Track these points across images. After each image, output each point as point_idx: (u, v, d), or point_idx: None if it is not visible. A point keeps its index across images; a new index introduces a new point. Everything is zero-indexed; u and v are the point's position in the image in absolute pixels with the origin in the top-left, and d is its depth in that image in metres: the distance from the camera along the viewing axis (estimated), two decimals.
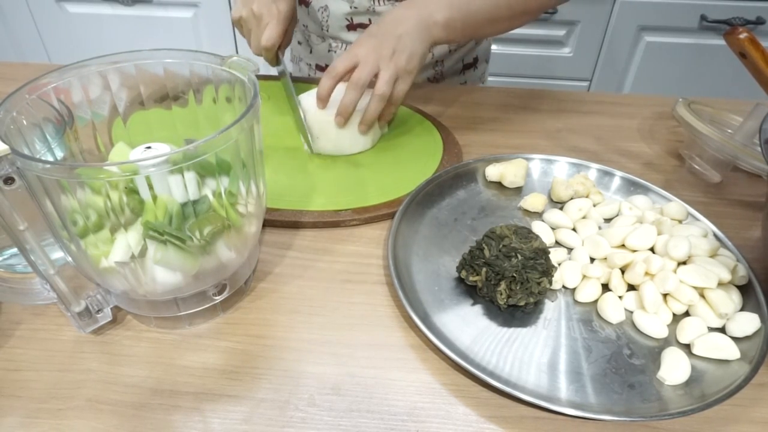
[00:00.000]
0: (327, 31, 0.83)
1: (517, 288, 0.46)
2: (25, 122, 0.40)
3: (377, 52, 0.62)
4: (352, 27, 0.80)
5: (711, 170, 0.65)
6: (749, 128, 0.65)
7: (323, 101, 0.64)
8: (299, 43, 0.90)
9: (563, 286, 0.50)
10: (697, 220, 0.57)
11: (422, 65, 0.65)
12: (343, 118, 0.63)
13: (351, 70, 0.63)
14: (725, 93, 1.51)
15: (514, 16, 0.68)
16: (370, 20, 0.79)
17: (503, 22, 0.68)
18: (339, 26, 0.81)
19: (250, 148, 0.41)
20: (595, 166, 0.64)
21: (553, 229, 0.56)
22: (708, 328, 0.46)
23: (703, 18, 1.39)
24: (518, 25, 0.70)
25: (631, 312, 0.48)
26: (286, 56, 0.96)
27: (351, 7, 0.78)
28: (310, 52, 0.87)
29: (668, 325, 0.47)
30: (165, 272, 0.41)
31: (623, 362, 0.44)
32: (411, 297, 0.47)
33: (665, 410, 0.40)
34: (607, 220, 0.58)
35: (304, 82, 0.82)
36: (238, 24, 0.72)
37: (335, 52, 0.84)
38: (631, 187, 0.62)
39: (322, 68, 0.88)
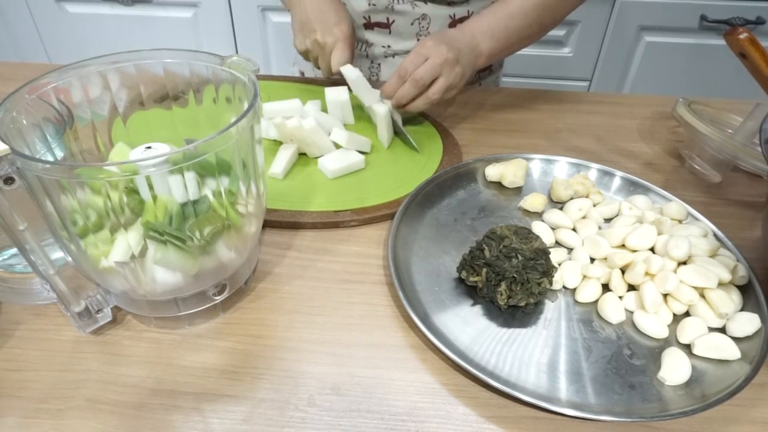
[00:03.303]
0: None
1: (518, 288, 0.46)
2: (25, 122, 0.40)
3: (445, 55, 0.65)
4: (369, 25, 0.81)
5: (711, 170, 0.65)
6: (749, 128, 0.65)
7: (390, 97, 0.67)
8: None
9: (563, 287, 0.50)
10: (697, 220, 0.57)
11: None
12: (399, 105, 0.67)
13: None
14: (725, 93, 1.51)
15: (545, 29, 0.73)
16: (387, 18, 0.79)
17: (534, 37, 0.74)
18: (356, 24, 0.81)
19: (250, 148, 0.41)
20: (595, 166, 0.64)
21: (553, 229, 0.56)
22: (708, 328, 0.46)
23: (703, 18, 1.39)
24: (543, 36, 0.76)
25: (632, 312, 0.48)
26: (275, 55, 0.95)
27: (369, 5, 0.78)
28: None
29: (668, 325, 0.47)
30: (165, 272, 0.41)
31: (623, 362, 0.44)
32: (411, 297, 0.47)
33: (666, 411, 0.40)
34: (607, 220, 0.58)
35: (295, 82, 0.82)
36: (304, 55, 0.76)
37: None
38: (631, 187, 0.62)
39: None
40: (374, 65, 0.85)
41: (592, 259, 0.53)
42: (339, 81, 0.71)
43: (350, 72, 0.68)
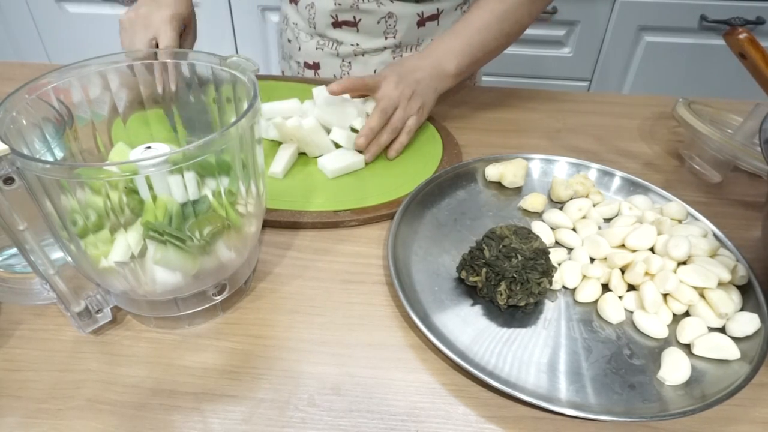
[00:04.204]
0: (314, 28, 0.84)
1: (517, 288, 0.46)
2: (24, 122, 0.40)
3: (400, 91, 0.66)
4: (337, 24, 0.81)
5: (711, 170, 0.65)
6: (749, 128, 0.65)
7: (360, 147, 0.65)
8: (289, 41, 0.91)
9: (563, 287, 0.50)
10: (697, 220, 0.57)
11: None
12: (372, 154, 0.65)
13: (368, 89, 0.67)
14: (725, 93, 1.51)
15: (512, 37, 0.73)
16: (354, 17, 0.80)
17: (503, 47, 0.74)
18: (325, 23, 0.82)
19: (250, 148, 0.41)
20: (595, 166, 0.64)
21: (552, 229, 0.56)
22: (708, 328, 0.46)
23: (703, 18, 1.39)
24: (513, 42, 0.76)
25: (631, 312, 0.48)
26: (275, 55, 0.96)
27: (335, 4, 0.79)
28: (299, 49, 0.89)
29: (668, 325, 0.47)
30: (165, 272, 0.41)
31: (623, 362, 0.44)
32: (411, 297, 0.47)
33: (666, 410, 0.40)
34: (607, 220, 0.58)
35: (295, 81, 0.82)
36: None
37: (322, 49, 0.85)
38: (631, 187, 0.62)
39: (310, 65, 0.89)
40: (345, 63, 0.86)
41: (592, 259, 0.53)
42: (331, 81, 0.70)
43: (318, 94, 0.66)
